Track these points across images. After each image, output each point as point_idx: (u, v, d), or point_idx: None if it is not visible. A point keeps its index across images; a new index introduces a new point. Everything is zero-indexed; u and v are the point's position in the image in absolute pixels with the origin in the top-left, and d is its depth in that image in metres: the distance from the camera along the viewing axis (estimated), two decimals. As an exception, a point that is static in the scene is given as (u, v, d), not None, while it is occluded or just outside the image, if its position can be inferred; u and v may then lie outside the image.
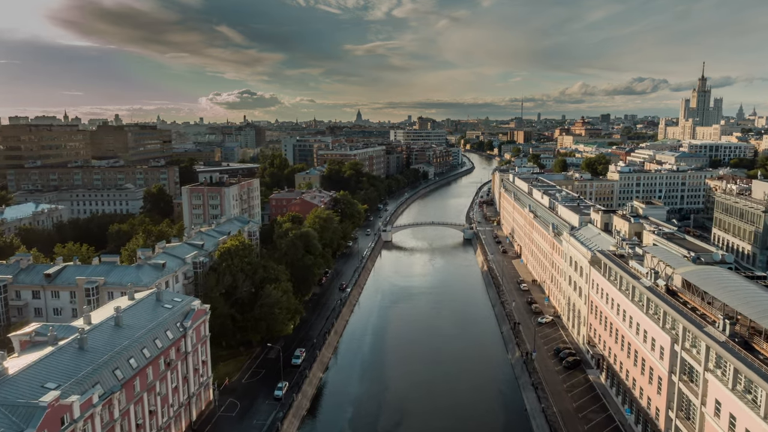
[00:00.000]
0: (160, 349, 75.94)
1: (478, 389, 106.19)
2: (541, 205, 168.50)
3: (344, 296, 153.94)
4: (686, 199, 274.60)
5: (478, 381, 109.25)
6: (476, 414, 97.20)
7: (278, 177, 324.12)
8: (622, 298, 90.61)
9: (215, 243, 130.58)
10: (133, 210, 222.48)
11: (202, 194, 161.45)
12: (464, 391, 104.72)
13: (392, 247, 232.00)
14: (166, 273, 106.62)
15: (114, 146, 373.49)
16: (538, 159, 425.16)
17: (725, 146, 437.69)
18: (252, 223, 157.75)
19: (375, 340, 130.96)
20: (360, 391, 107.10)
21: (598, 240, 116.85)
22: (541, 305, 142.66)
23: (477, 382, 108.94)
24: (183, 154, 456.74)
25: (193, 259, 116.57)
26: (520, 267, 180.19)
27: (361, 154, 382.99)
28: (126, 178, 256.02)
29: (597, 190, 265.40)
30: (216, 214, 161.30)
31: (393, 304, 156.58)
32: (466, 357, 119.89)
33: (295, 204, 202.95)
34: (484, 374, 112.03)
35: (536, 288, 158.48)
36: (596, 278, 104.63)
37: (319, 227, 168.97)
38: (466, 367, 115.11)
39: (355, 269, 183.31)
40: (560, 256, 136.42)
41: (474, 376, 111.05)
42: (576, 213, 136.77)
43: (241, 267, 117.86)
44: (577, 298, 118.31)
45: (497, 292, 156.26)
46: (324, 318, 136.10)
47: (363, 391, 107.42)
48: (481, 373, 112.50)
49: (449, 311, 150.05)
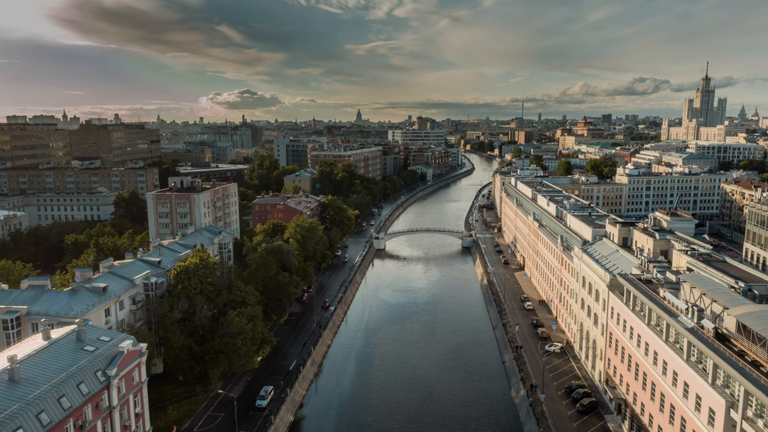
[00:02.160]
0: (67, 411, 59.20)
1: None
2: (547, 214, 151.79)
3: (327, 316, 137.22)
4: (700, 204, 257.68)
5: (475, 429, 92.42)
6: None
7: (267, 179, 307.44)
8: (652, 337, 73.90)
9: (175, 259, 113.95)
10: (105, 216, 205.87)
11: (169, 201, 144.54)
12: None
13: (385, 255, 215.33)
14: (107, 299, 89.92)
15: (97, 146, 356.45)
16: (540, 160, 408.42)
17: (734, 147, 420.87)
18: (224, 234, 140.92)
19: (358, 372, 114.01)
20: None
21: (616, 259, 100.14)
22: (548, 329, 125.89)
23: (474, 430, 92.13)
24: (171, 155, 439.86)
25: (145, 279, 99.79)
26: (523, 281, 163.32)
27: (355, 155, 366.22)
28: (101, 181, 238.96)
29: (604, 195, 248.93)
30: (185, 223, 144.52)
31: (381, 326, 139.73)
32: (463, 397, 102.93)
33: (278, 210, 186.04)
34: (484, 420, 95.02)
35: (542, 307, 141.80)
36: (617, 306, 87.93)
37: (300, 237, 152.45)
38: (462, 412, 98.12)
39: (343, 282, 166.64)
40: (570, 274, 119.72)
41: (470, 423, 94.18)
42: (588, 224, 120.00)
43: (201, 289, 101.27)
44: (592, 326, 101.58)
45: (498, 311, 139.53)
46: (301, 344, 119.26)
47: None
48: (480, 419, 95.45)
49: (444, 334, 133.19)
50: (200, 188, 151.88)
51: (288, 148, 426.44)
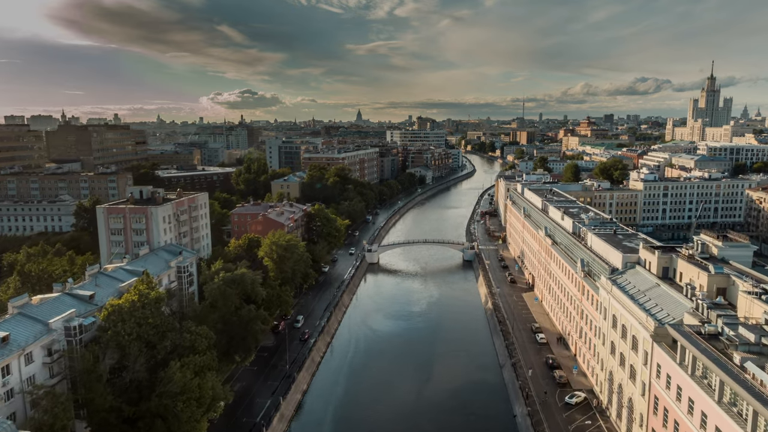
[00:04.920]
0: None
1: None
2: (562, 229, 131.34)
3: (305, 352, 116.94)
4: (721, 212, 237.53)
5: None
6: None
7: (254, 184, 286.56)
8: (725, 420, 53.60)
9: (115, 291, 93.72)
10: (68, 228, 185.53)
11: (123, 216, 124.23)
12: None
13: (378, 270, 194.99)
14: (7, 353, 69.70)
15: (77, 148, 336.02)
16: (545, 163, 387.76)
17: (746, 149, 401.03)
18: (186, 255, 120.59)
19: (336, 430, 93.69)
20: None
21: (657, 296, 79.71)
22: (567, 372, 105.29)
23: None
24: (158, 157, 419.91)
25: (67, 322, 79.49)
26: (534, 307, 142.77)
27: (350, 158, 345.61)
28: (68, 188, 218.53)
29: (618, 202, 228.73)
30: (142, 241, 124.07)
31: (369, 364, 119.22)
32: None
33: (257, 223, 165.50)
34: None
35: (558, 341, 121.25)
36: (666, 365, 67.62)
37: (276, 257, 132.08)
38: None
39: (328, 305, 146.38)
40: (594, 308, 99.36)
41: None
42: (615, 247, 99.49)
43: (138, 333, 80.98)
44: (627, 380, 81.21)
45: (506, 346, 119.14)
46: (270, 390, 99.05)
47: None
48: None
49: (443, 375, 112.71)
50: (161, 200, 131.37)
51: (281, 150, 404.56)
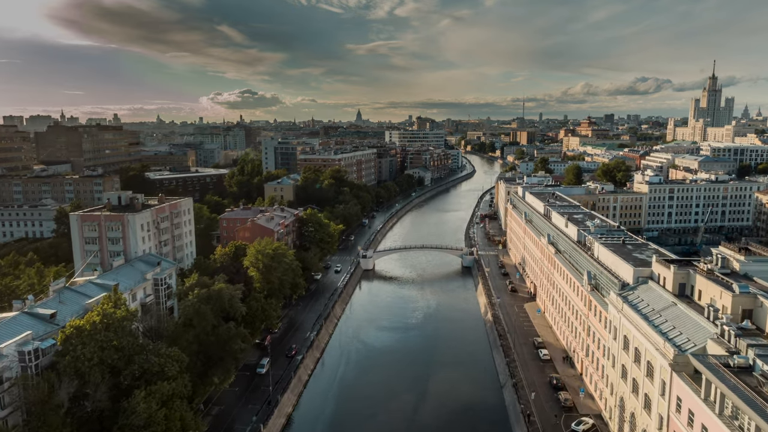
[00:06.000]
0: None
1: None
2: (565, 237, 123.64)
3: (291, 370, 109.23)
4: (729, 215, 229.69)
5: None
6: None
7: (247, 187, 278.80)
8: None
9: (81, 308, 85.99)
10: (49, 234, 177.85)
11: (98, 224, 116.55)
12: None
13: (373, 277, 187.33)
14: (-54, 385, 62.00)
15: (67, 150, 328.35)
16: (546, 164, 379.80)
17: (751, 149, 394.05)
18: (165, 265, 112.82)
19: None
20: None
21: (674, 317, 72.00)
22: (573, 394, 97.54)
23: None
24: (152, 158, 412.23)
25: (20, 346, 71.73)
26: (536, 318, 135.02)
27: (347, 159, 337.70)
28: (52, 191, 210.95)
29: (622, 205, 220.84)
30: (119, 251, 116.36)
31: (359, 382, 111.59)
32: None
33: (245, 229, 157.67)
34: None
35: (562, 357, 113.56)
36: (688, 399, 59.92)
37: (262, 266, 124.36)
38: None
39: (318, 317, 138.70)
40: (603, 325, 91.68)
41: None
42: (625, 259, 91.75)
43: (101, 358, 73.28)
44: (641, 409, 73.48)
45: (507, 362, 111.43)
46: (251, 414, 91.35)
47: None
48: None
49: (438, 397, 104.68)
50: (140, 206, 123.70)
51: (277, 151, 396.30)
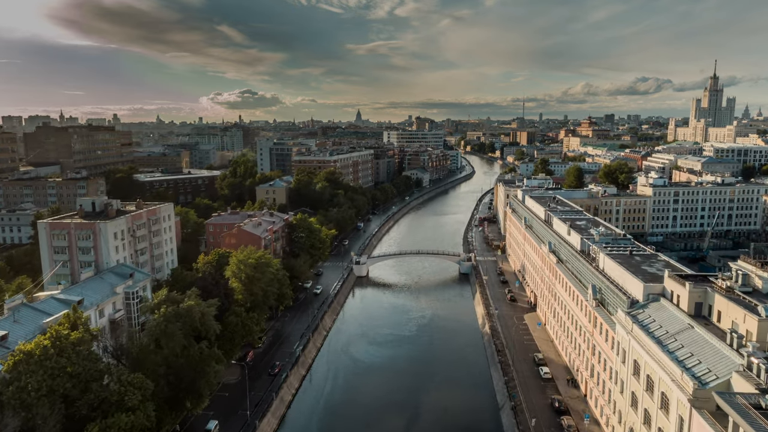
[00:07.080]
0: None
1: None
2: (568, 246, 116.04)
3: (274, 387, 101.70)
4: (735, 219, 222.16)
5: None
6: None
7: (239, 189, 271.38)
8: None
9: (38, 329, 78.44)
10: (27, 240, 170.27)
11: (67, 233, 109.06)
12: None
13: (367, 284, 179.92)
14: None
15: (56, 151, 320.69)
16: (546, 165, 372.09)
17: (754, 150, 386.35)
18: (140, 277, 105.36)
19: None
20: None
21: (690, 342, 64.42)
22: (578, 419, 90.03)
23: None
24: (145, 159, 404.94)
25: (-39, 375, 64.33)
26: (537, 332, 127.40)
27: (342, 160, 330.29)
28: (34, 195, 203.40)
29: (626, 209, 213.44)
30: (90, 261, 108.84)
31: (346, 403, 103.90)
32: None
33: (231, 235, 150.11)
34: None
35: (565, 377, 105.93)
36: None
37: (245, 277, 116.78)
38: None
39: (306, 329, 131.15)
40: (610, 346, 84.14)
41: None
42: (634, 273, 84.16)
43: (51, 386, 65.78)
44: (654, 444, 65.94)
45: (505, 381, 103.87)
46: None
47: None
48: None
49: (431, 421, 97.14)
50: (114, 213, 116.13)
51: (272, 152, 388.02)
